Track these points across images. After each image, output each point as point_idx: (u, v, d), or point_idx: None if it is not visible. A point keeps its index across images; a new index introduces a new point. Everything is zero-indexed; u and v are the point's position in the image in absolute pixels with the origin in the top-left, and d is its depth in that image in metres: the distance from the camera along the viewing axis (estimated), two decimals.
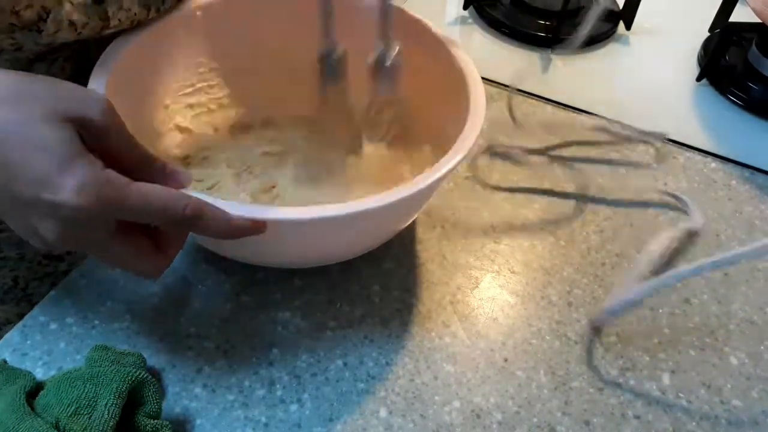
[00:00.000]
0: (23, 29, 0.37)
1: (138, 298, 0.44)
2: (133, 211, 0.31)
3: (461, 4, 0.76)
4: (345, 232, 0.40)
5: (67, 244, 0.31)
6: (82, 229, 0.30)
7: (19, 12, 0.36)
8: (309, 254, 0.43)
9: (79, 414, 0.34)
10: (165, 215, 0.31)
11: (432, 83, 0.48)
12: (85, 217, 0.29)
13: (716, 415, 0.41)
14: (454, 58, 0.45)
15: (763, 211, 0.55)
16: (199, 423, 0.39)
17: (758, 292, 0.49)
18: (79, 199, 0.29)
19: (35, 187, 0.29)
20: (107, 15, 0.40)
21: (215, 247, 0.43)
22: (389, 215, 0.41)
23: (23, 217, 0.31)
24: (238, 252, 0.43)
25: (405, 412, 0.40)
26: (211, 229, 0.33)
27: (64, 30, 0.39)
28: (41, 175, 0.29)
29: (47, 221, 0.30)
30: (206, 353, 0.42)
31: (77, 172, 0.29)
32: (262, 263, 0.45)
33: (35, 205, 0.29)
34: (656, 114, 0.63)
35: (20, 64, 0.41)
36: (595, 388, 0.42)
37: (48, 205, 0.29)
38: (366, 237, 0.43)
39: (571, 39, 0.57)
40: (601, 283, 0.48)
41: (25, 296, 0.51)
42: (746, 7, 0.63)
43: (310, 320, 0.44)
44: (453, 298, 0.47)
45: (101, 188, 0.29)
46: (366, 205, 0.35)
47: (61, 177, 0.29)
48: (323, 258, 0.45)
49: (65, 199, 0.29)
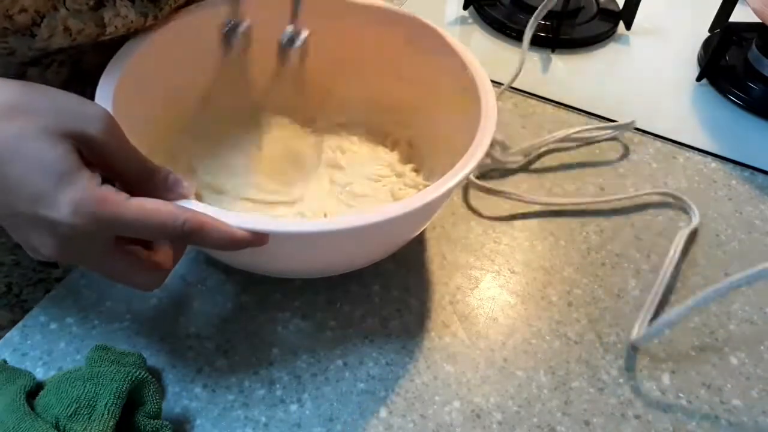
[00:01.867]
0: (16, 33, 0.37)
1: (138, 298, 0.44)
2: (131, 228, 0.30)
3: (461, 4, 0.76)
4: (349, 244, 0.40)
5: (65, 259, 0.31)
6: (79, 244, 0.30)
7: (12, 16, 0.36)
8: (314, 265, 0.43)
9: (79, 414, 0.34)
10: (163, 231, 0.31)
11: (442, 90, 0.48)
12: (82, 234, 0.29)
13: (716, 415, 0.41)
14: (465, 65, 0.45)
15: (763, 211, 0.55)
16: (199, 423, 0.39)
17: (758, 292, 0.49)
18: (75, 217, 0.28)
19: (32, 204, 0.29)
20: (103, 21, 0.40)
21: (217, 255, 0.43)
22: (400, 226, 0.40)
23: (21, 230, 0.31)
24: (238, 261, 0.43)
25: (405, 412, 0.40)
26: (210, 242, 0.32)
27: (59, 35, 0.38)
28: (38, 192, 0.28)
29: (44, 237, 0.30)
30: (206, 353, 0.42)
31: (74, 189, 0.29)
32: (266, 273, 0.45)
33: (33, 221, 0.29)
34: (656, 114, 0.63)
35: (13, 69, 0.40)
36: (595, 388, 0.42)
37: (45, 222, 0.29)
38: (373, 249, 0.43)
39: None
40: (601, 283, 0.48)
41: (19, 302, 0.51)
42: (746, 7, 0.63)
43: (310, 320, 0.44)
44: (453, 298, 0.47)
45: (98, 205, 0.29)
46: (373, 218, 0.34)
47: (58, 194, 0.28)
48: (329, 269, 0.44)
49: (61, 217, 0.28)
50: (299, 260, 0.41)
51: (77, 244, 0.30)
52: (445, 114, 0.48)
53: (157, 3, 0.43)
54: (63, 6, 0.37)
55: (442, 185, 0.37)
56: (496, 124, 0.40)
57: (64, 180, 0.29)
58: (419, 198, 0.36)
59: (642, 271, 0.49)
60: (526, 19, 0.73)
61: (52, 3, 0.37)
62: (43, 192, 0.28)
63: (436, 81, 0.49)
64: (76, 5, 0.38)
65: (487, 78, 0.44)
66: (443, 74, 0.47)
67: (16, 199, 0.29)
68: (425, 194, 0.36)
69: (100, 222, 0.29)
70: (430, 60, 0.48)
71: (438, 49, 0.47)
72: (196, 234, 0.32)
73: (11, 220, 0.30)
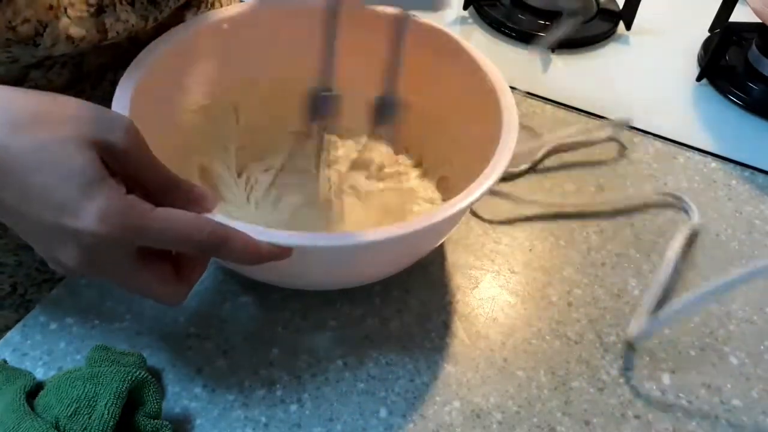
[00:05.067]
0: (20, 43, 0.37)
1: (138, 298, 0.44)
2: (156, 238, 0.30)
3: (461, 4, 0.76)
4: (374, 257, 0.40)
5: (88, 270, 0.30)
6: (103, 256, 0.30)
7: (15, 27, 0.36)
8: (334, 279, 0.43)
9: (79, 414, 0.34)
10: (189, 242, 0.31)
11: (463, 101, 0.48)
12: (107, 244, 0.29)
13: (716, 415, 0.41)
14: (486, 75, 0.45)
15: (763, 211, 0.55)
16: (199, 423, 0.39)
17: (758, 292, 0.49)
18: (100, 226, 0.28)
19: (56, 213, 0.28)
20: (105, 27, 0.40)
21: (237, 268, 0.43)
22: (416, 241, 0.40)
23: (44, 242, 0.30)
24: (259, 275, 0.42)
25: (405, 412, 0.40)
26: (235, 254, 0.32)
27: (61, 43, 0.38)
28: (63, 201, 0.28)
29: (68, 247, 0.29)
30: (206, 353, 0.42)
31: (99, 198, 0.28)
32: (282, 285, 0.45)
33: (56, 231, 0.29)
34: (656, 114, 0.63)
35: (15, 71, 0.40)
36: (595, 388, 0.42)
37: (69, 232, 0.28)
38: (389, 263, 0.43)
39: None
40: (602, 283, 0.48)
41: (24, 302, 0.51)
42: (746, 7, 0.63)
43: (310, 320, 0.44)
44: (453, 298, 0.47)
45: (124, 215, 0.29)
46: (380, 234, 0.34)
47: (83, 203, 0.28)
48: (348, 281, 0.44)
49: (87, 226, 0.28)
50: (321, 273, 0.41)
51: (102, 255, 0.29)
52: (464, 124, 0.48)
53: (157, 5, 0.43)
54: (64, 14, 0.37)
55: (465, 198, 0.36)
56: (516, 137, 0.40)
57: (89, 189, 0.28)
58: (446, 208, 0.36)
59: (642, 271, 0.49)
60: (526, 19, 0.74)
61: (54, 12, 0.37)
62: (68, 201, 0.28)
63: (455, 90, 0.48)
64: (77, 13, 0.38)
65: (508, 89, 0.44)
66: (462, 84, 0.47)
67: (40, 210, 0.28)
68: (452, 204, 0.36)
69: (126, 231, 0.29)
70: (447, 67, 0.48)
71: (457, 58, 0.47)
72: (221, 246, 0.31)
73: (35, 231, 0.30)
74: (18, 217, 0.30)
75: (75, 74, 0.43)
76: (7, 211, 0.30)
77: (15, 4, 0.35)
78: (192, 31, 0.45)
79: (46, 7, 0.37)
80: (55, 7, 0.37)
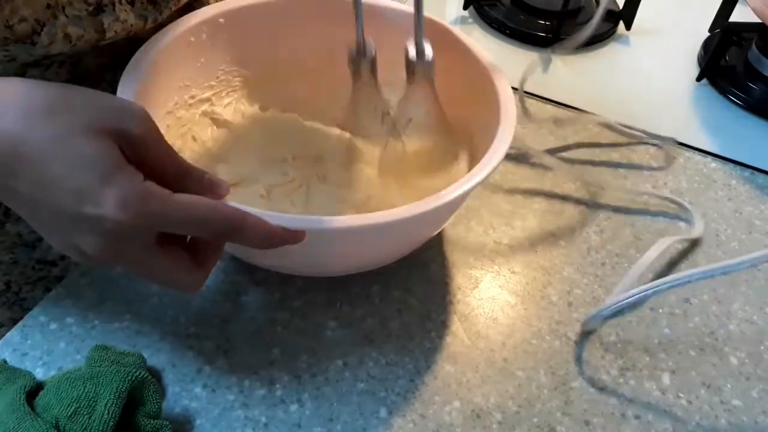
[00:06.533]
0: (17, 42, 0.37)
1: (138, 298, 0.44)
2: (176, 223, 0.30)
3: (461, 4, 0.76)
4: (386, 239, 0.41)
5: (107, 258, 0.30)
6: (124, 242, 0.30)
7: (12, 26, 0.36)
8: (345, 262, 0.43)
9: (79, 414, 0.34)
10: (207, 226, 0.31)
11: (461, 90, 0.48)
12: (127, 231, 0.29)
13: (716, 415, 0.41)
14: (482, 65, 0.46)
15: (763, 211, 0.55)
16: (199, 423, 0.39)
17: (758, 292, 0.49)
18: (122, 213, 0.28)
19: (77, 202, 0.28)
20: (103, 27, 0.40)
21: (246, 256, 0.43)
22: (419, 224, 0.41)
23: (63, 232, 0.30)
24: (269, 261, 0.43)
25: (405, 412, 0.40)
26: (251, 239, 0.32)
27: (59, 42, 0.38)
28: (83, 189, 0.28)
29: (88, 235, 0.29)
30: (206, 353, 0.42)
31: (119, 185, 0.28)
32: (294, 272, 0.45)
33: (76, 220, 0.29)
34: (656, 114, 0.63)
35: (13, 70, 0.40)
36: (595, 388, 0.42)
37: (90, 219, 0.29)
38: (396, 246, 0.43)
39: (572, 38, 0.57)
40: (601, 283, 0.48)
41: (18, 300, 0.51)
42: (746, 7, 0.63)
43: (310, 320, 0.44)
44: (453, 298, 0.47)
45: (144, 201, 0.29)
46: (391, 216, 0.35)
47: (103, 190, 0.28)
48: (360, 265, 0.45)
49: (108, 213, 0.28)
50: (333, 257, 0.42)
51: (122, 241, 0.30)
52: (464, 114, 0.48)
53: (156, 5, 0.43)
54: (62, 13, 0.37)
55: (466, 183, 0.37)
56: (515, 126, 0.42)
57: (109, 176, 0.28)
58: (455, 189, 0.37)
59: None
60: (526, 19, 0.74)
61: (52, 11, 0.37)
62: (88, 189, 0.28)
63: (453, 80, 0.49)
64: (75, 12, 0.38)
65: (506, 80, 0.45)
66: (460, 74, 0.48)
67: (58, 199, 0.29)
68: (460, 185, 0.37)
69: (147, 217, 0.29)
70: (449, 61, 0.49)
71: (453, 48, 0.48)
72: (238, 230, 0.32)
73: (52, 221, 0.30)
74: (34, 207, 0.30)
75: (73, 74, 0.43)
76: (24, 201, 0.30)
77: (13, 3, 0.35)
78: (186, 28, 0.45)
79: (44, 6, 0.37)
80: (53, 5, 0.37)
